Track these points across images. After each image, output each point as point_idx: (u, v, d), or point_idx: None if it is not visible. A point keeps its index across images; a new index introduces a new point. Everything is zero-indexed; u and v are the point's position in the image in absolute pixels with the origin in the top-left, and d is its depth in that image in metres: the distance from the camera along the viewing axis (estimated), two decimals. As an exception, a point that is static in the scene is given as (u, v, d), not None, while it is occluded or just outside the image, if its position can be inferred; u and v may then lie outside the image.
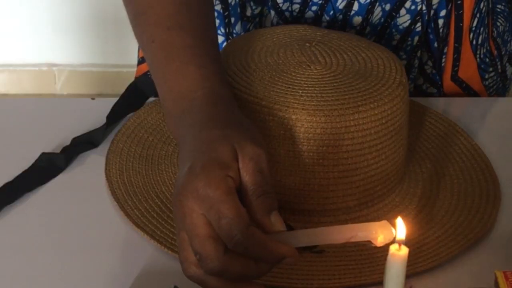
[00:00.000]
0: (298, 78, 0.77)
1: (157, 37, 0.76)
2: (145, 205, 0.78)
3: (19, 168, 0.83)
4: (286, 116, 0.74)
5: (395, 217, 0.62)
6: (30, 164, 0.84)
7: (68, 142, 0.87)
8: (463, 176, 0.86)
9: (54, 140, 0.88)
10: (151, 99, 0.93)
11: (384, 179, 0.79)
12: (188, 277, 0.65)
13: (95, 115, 0.91)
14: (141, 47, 0.80)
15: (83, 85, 2.43)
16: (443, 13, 0.98)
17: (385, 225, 0.62)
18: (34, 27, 2.37)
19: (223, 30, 1.00)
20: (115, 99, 0.92)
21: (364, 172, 0.77)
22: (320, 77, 0.78)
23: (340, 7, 0.96)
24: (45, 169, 0.84)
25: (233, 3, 0.99)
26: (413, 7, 0.96)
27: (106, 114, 0.89)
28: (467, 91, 1.02)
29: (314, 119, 0.74)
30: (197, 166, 0.63)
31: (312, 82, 0.77)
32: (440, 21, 0.99)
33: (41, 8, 2.35)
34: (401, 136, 0.80)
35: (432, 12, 0.98)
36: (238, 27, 1.00)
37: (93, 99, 0.97)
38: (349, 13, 0.96)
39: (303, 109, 0.74)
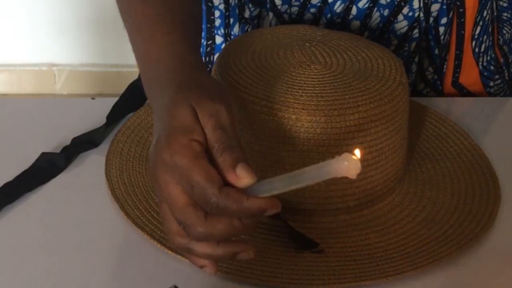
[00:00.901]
0: (298, 78, 0.77)
1: (133, 11, 0.77)
2: (145, 205, 0.78)
3: (19, 168, 0.83)
4: (286, 116, 0.74)
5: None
6: (30, 164, 0.84)
7: (68, 142, 0.87)
8: (463, 176, 0.85)
9: (54, 140, 0.88)
10: (151, 99, 0.93)
11: (384, 179, 0.79)
12: (176, 248, 0.65)
13: (95, 115, 0.91)
14: (123, 24, 0.80)
15: (83, 85, 2.44)
16: (444, 20, 0.98)
17: (347, 157, 0.59)
18: (34, 27, 2.37)
19: (222, 31, 1.00)
20: (115, 99, 0.92)
21: (364, 172, 0.77)
22: (320, 77, 0.78)
23: (338, 10, 0.96)
24: (45, 169, 0.84)
25: (232, 3, 0.99)
26: (410, 13, 0.96)
27: (106, 114, 0.89)
28: (468, 96, 1.02)
29: (314, 119, 0.74)
30: (162, 137, 0.63)
31: (312, 82, 0.77)
32: (441, 29, 0.99)
33: (41, 8, 2.35)
34: (401, 136, 0.80)
35: (431, 19, 0.98)
36: (236, 29, 1.00)
37: (93, 99, 0.97)
38: (347, 17, 0.96)
39: (303, 109, 0.74)
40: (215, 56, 0.99)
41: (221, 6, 0.99)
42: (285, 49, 0.81)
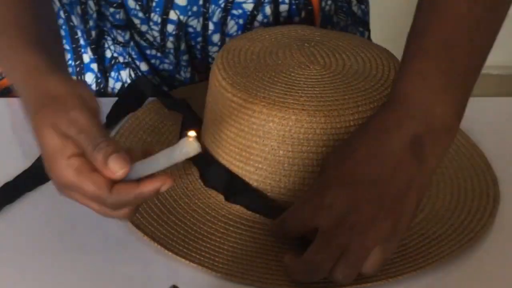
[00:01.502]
0: (298, 79, 0.77)
1: None
2: (145, 207, 0.78)
3: (19, 168, 0.83)
4: (286, 116, 0.74)
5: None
6: (30, 164, 0.84)
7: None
8: (462, 175, 0.85)
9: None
10: (150, 99, 0.93)
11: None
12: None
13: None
14: None
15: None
16: (296, 20, 0.99)
17: (186, 143, 0.64)
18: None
19: (89, 49, 1.00)
20: (115, 99, 0.92)
21: (364, 172, 0.77)
22: (320, 77, 0.77)
23: (198, 29, 0.97)
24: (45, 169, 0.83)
25: (91, 23, 0.99)
26: (265, 20, 0.97)
27: (106, 114, 0.89)
28: None
29: (314, 119, 0.74)
30: (45, 161, 0.69)
31: (311, 83, 0.77)
32: None
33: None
34: (401, 135, 0.80)
35: (282, 19, 0.98)
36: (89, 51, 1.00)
37: None
38: (206, 33, 0.97)
39: (303, 109, 0.74)
40: (86, 76, 0.99)
41: (82, 26, 0.99)
42: (284, 50, 0.81)
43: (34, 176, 0.82)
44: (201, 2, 0.94)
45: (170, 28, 0.95)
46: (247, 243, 0.74)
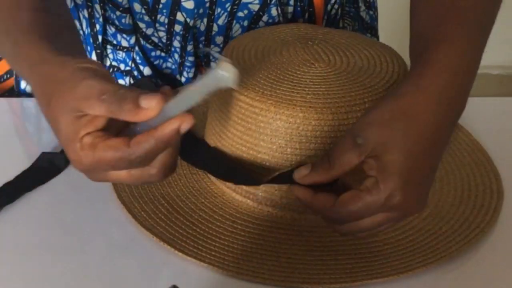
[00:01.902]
0: (304, 77, 0.77)
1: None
2: (152, 207, 0.77)
3: (19, 168, 0.83)
4: (294, 114, 0.74)
5: None
6: (30, 164, 0.83)
7: (67, 142, 0.86)
8: (465, 172, 0.86)
9: (54, 140, 0.86)
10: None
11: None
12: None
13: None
14: None
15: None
16: (300, 21, 0.99)
17: (225, 67, 0.61)
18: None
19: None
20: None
21: (370, 169, 0.77)
22: (325, 74, 0.77)
23: (202, 29, 0.96)
24: (45, 169, 0.83)
25: (86, 32, 0.99)
26: (270, 20, 0.97)
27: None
28: None
29: (322, 116, 0.74)
30: (65, 153, 0.66)
31: (317, 80, 0.77)
32: None
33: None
34: (406, 132, 0.80)
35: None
36: (93, 56, 0.99)
37: None
38: (210, 33, 0.97)
39: (310, 107, 0.74)
40: None
41: (88, 30, 0.98)
42: (288, 48, 0.81)
43: (34, 176, 0.82)
44: (207, 5, 0.94)
45: (178, 28, 0.95)
46: (256, 241, 0.74)
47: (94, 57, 0.99)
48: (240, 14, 0.96)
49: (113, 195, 0.79)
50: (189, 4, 0.93)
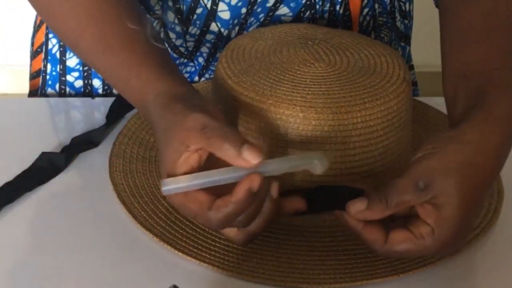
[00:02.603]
0: (304, 76, 0.77)
1: (98, 63, 0.80)
2: (152, 207, 0.78)
3: (19, 168, 0.83)
4: (294, 114, 0.74)
5: None
6: (30, 164, 0.83)
7: (68, 142, 0.87)
8: (465, 171, 0.86)
9: (54, 140, 0.88)
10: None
11: (391, 175, 0.79)
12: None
13: (95, 114, 0.91)
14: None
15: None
16: None
17: (320, 155, 0.69)
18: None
19: None
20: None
21: (371, 169, 0.77)
22: (325, 74, 0.77)
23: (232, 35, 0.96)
24: (45, 168, 0.83)
25: None
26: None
27: (106, 114, 0.89)
28: None
29: (322, 116, 0.74)
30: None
31: (317, 80, 0.77)
32: None
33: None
34: (406, 132, 0.80)
35: None
36: None
37: (93, 98, 0.96)
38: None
39: (310, 106, 0.74)
40: (93, 81, 0.99)
41: None
42: (288, 48, 0.81)
43: (34, 176, 0.82)
44: (243, 16, 0.93)
45: (209, 37, 0.95)
46: (256, 241, 0.74)
47: None
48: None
49: (113, 195, 0.79)
50: (225, 15, 0.93)
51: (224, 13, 0.93)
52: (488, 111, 0.71)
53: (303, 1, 0.94)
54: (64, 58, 0.99)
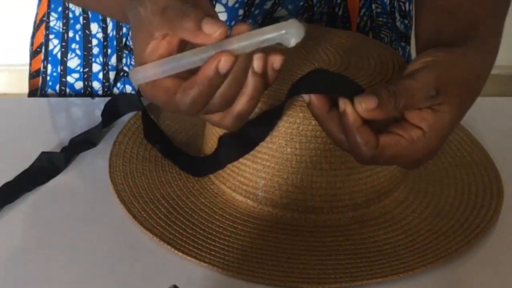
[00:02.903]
0: (304, 76, 0.77)
1: None
2: (152, 207, 0.77)
3: (19, 168, 0.83)
4: (294, 114, 0.74)
5: None
6: (30, 164, 0.83)
7: (68, 142, 0.87)
8: (465, 171, 0.86)
9: (54, 140, 0.88)
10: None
11: (391, 175, 0.79)
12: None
13: (95, 114, 0.91)
14: None
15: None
16: None
17: (293, 23, 0.60)
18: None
19: (101, 59, 0.99)
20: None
21: (371, 169, 0.77)
22: (325, 74, 0.77)
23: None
24: (45, 168, 0.83)
25: (110, 34, 0.98)
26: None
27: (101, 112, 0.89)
28: None
29: None
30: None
31: (317, 80, 0.77)
32: None
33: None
34: (406, 132, 0.80)
35: None
36: (114, 59, 0.99)
37: (93, 98, 0.96)
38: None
39: (310, 106, 0.74)
40: (93, 83, 0.99)
41: (99, 35, 0.98)
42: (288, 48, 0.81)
43: (34, 176, 0.82)
44: (240, 17, 0.93)
45: None
46: (256, 241, 0.74)
47: (114, 60, 0.99)
48: None
49: (113, 195, 0.79)
50: (222, 16, 0.92)
51: (220, 14, 0.93)
52: (482, 42, 0.73)
53: (301, 3, 0.94)
54: (65, 59, 0.99)
